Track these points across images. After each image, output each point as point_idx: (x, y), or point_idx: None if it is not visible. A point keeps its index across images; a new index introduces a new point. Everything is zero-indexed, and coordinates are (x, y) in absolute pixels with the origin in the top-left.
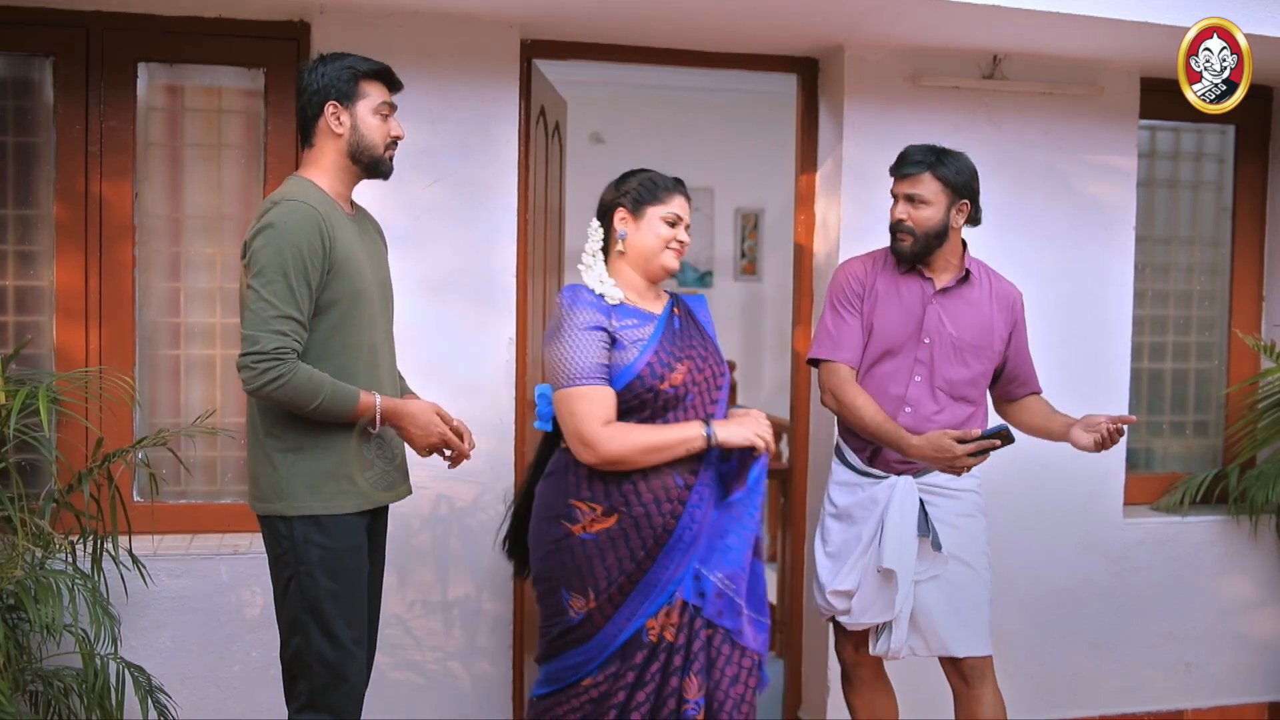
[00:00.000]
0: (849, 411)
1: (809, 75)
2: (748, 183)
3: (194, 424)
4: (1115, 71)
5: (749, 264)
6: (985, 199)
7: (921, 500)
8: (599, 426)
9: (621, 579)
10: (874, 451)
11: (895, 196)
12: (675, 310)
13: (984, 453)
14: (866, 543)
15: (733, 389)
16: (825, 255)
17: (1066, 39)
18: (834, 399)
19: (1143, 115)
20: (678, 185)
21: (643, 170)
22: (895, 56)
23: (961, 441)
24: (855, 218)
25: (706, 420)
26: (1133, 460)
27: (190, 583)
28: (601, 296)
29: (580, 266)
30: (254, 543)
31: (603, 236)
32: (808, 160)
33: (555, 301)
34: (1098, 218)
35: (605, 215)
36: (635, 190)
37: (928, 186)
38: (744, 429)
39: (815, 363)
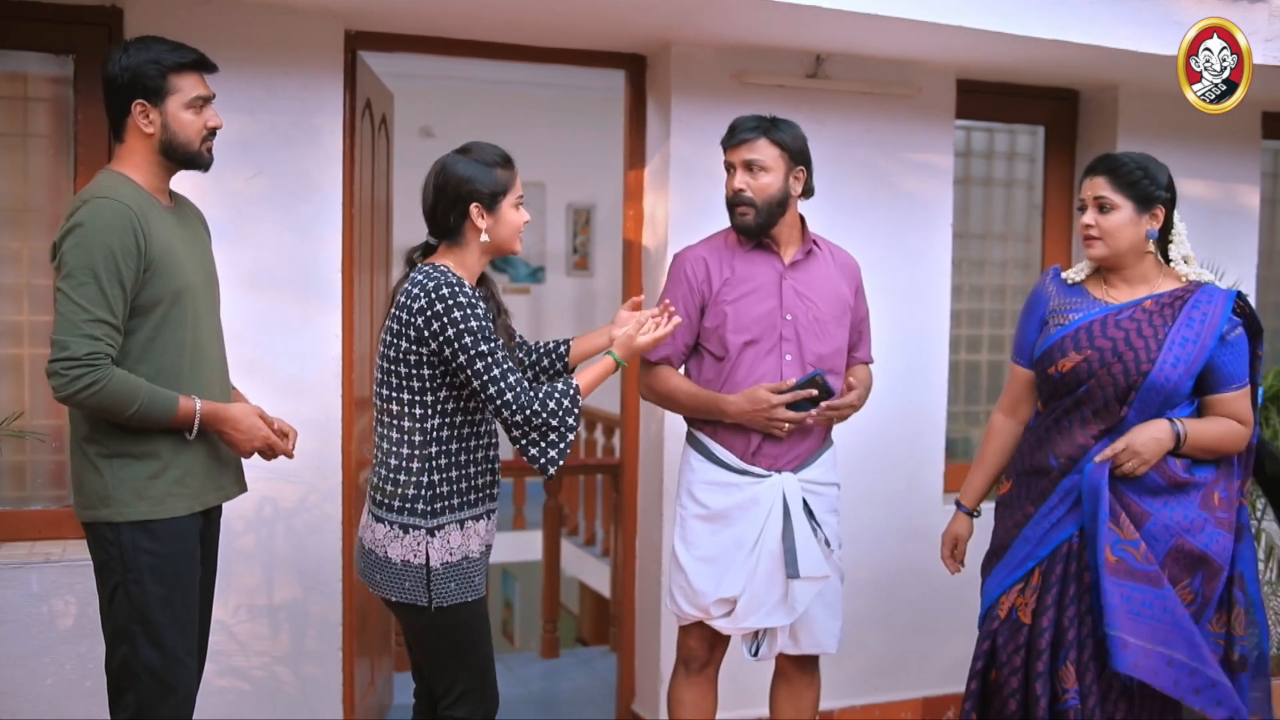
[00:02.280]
0: (667, 401)
1: (637, 72)
2: (579, 178)
3: (0, 427)
4: (932, 73)
5: (581, 259)
6: None
7: (804, 498)
8: None
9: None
10: (757, 447)
11: (731, 168)
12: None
13: (803, 411)
14: (751, 545)
15: None
16: (654, 250)
17: (885, 40)
18: (651, 394)
19: (958, 115)
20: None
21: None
22: (721, 55)
23: (778, 393)
24: (683, 213)
25: None
26: (951, 449)
27: None
28: None
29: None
30: (66, 550)
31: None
32: (636, 156)
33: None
34: (916, 214)
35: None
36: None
37: (765, 152)
38: None
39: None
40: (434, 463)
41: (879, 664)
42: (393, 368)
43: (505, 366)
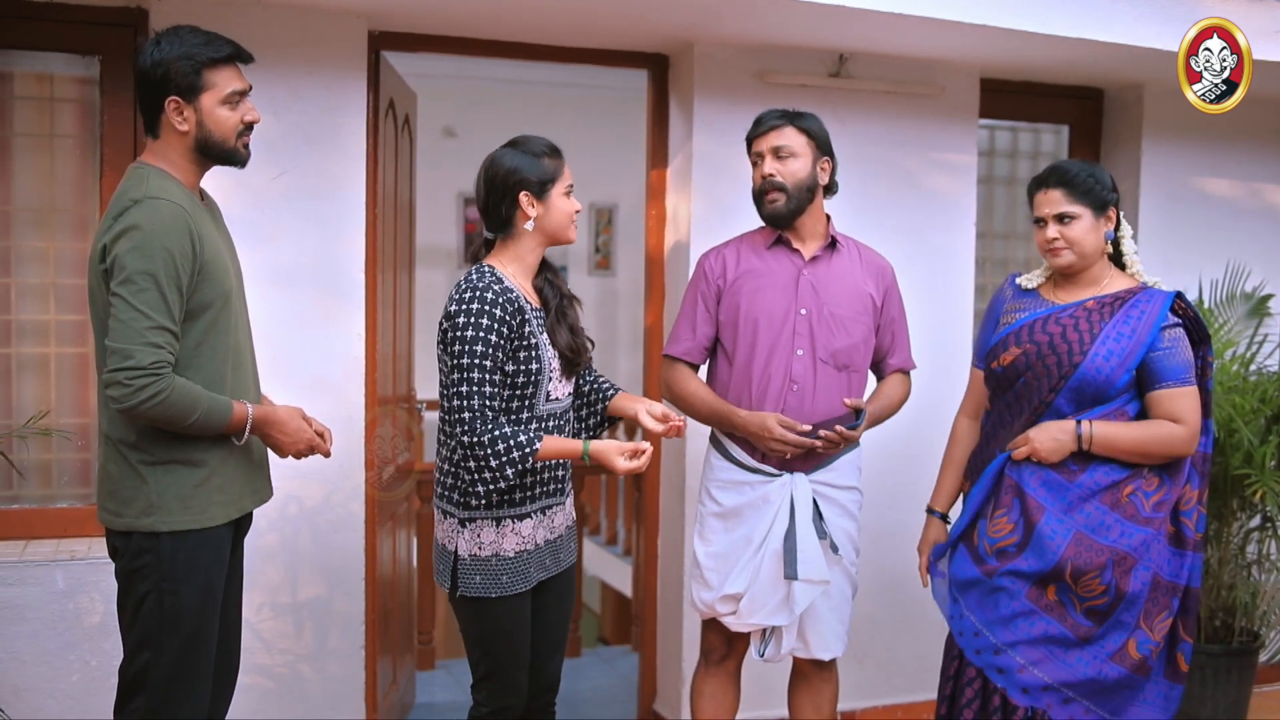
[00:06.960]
0: (682, 402)
1: (659, 71)
2: (602, 177)
3: (26, 425)
4: (956, 72)
5: (603, 258)
6: None
7: (815, 500)
8: None
9: None
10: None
11: (759, 158)
12: None
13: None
14: (758, 544)
15: None
16: (676, 249)
17: (908, 39)
18: (668, 391)
19: (982, 115)
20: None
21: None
22: (744, 54)
23: (788, 429)
24: (705, 212)
25: None
26: None
27: (24, 590)
28: None
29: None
30: (92, 548)
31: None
32: (658, 155)
33: None
34: (940, 213)
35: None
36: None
37: (792, 139)
38: None
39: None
40: None
41: (901, 664)
42: (439, 364)
43: (478, 389)
